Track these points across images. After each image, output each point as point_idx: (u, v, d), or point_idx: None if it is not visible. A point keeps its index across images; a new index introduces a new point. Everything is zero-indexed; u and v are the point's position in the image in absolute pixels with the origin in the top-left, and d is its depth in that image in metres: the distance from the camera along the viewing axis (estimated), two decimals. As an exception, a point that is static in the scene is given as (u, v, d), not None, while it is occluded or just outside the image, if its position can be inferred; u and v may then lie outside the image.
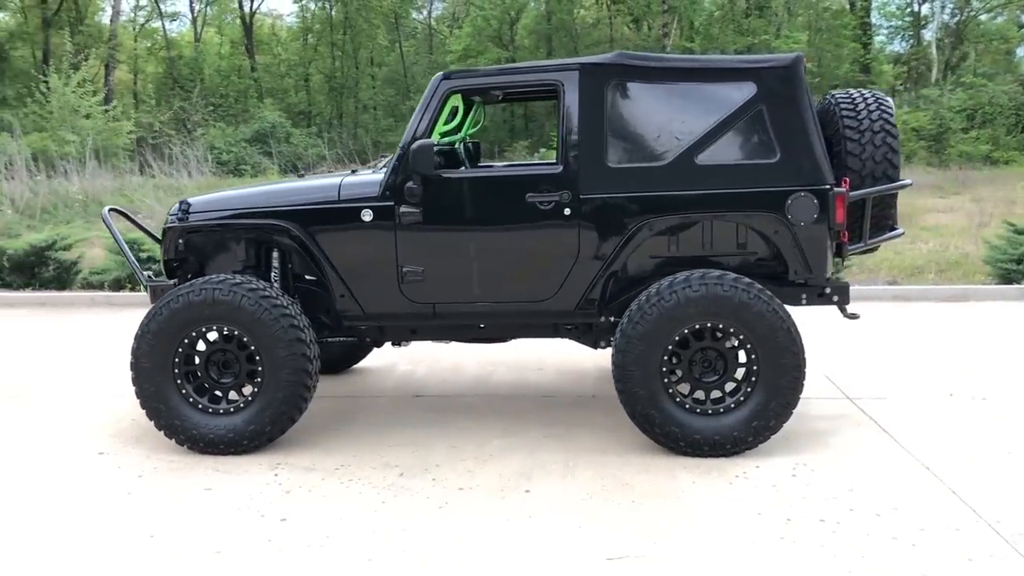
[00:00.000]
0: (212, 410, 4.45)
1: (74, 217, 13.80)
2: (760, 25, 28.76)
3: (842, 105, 4.55)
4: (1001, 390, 5.44)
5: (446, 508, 3.78)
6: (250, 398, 4.44)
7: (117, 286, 9.75)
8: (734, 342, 4.28)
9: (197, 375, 4.50)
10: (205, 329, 4.43)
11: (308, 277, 4.86)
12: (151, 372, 4.41)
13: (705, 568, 3.19)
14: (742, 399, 4.25)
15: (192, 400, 4.45)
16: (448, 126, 4.73)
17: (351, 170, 5.46)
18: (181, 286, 4.48)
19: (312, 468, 4.28)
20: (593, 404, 5.30)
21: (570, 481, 4.06)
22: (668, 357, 4.27)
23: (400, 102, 33.00)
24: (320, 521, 3.65)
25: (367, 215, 4.53)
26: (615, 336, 4.31)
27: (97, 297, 9.49)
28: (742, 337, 4.22)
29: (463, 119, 5.07)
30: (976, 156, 21.63)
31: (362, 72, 36.03)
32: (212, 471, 4.25)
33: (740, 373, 4.31)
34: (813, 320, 5.61)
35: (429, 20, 39.77)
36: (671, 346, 4.25)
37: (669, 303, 4.18)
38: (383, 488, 4.01)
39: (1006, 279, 9.01)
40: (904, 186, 4.51)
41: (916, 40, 34.05)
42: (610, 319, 4.57)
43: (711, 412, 4.28)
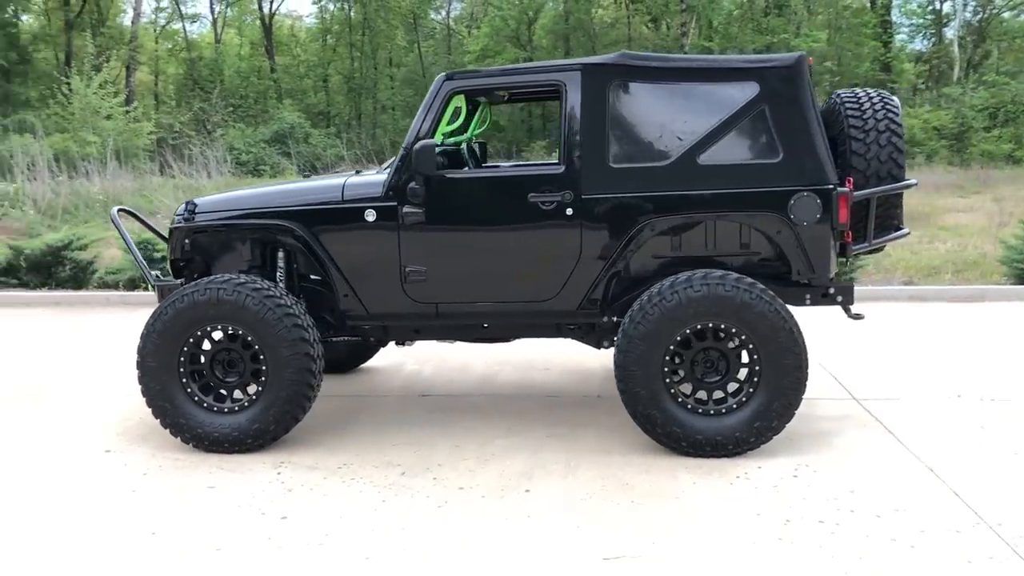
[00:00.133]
0: (217, 409, 4.49)
1: (94, 217, 13.93)
2: (779, 24, 28.53)
3: (847, 104, 4.52)
4: (1011, 391, 5.38)
5: (446, 507, 3.80)
6: (254, 397, 4.47)
7: (132, 286, 9.83)
8: (736, 342, 4.26)
9: (202, 374, 4.54)
10: (210, 328, 4.47)
11: (313, 277, 4.90)
12: (156, 371, 4.46)
13: (701, 568, 3.18)
14: (744, 400, 4.24)
15: (197, 399, 4.49)
16: (452, 126, 4.74)
17: (355, 170, 5.49)
18: (186, 286, 4.53)
19: (315, 467, 4.31)
20: (598, 404, 5.30)
21: (571, 481, 4.06)
22: (670, 357, 4.27)
23: (418, 102, 32.82)
24: (320, 519, 3.68)
25: (370, 215, 4.56)
26: (617, 336, 4.31)
27: (112, 297, 9.58)
28: (744, 337, 4.20)
29: (468, 120, 5.08)
30: (998, 155, 21.39)
31: (381, 72, 36.20)
32: (216, 469, 4.29)
33: (742, 374, 4.30)
34: (821, 321, 5.58)
35: (448, 20, 39.84)
36: (673, 346, 4.24)
37: (671, 303, 4.18)
38: (384, 487, 4.03)
39: (1022, 279, 8.91)
40: (909, 186, 4.48)
41: (938, 38, 33.73)
42: (613, 319, 4.57)
43: (713, 412, 4.26)
